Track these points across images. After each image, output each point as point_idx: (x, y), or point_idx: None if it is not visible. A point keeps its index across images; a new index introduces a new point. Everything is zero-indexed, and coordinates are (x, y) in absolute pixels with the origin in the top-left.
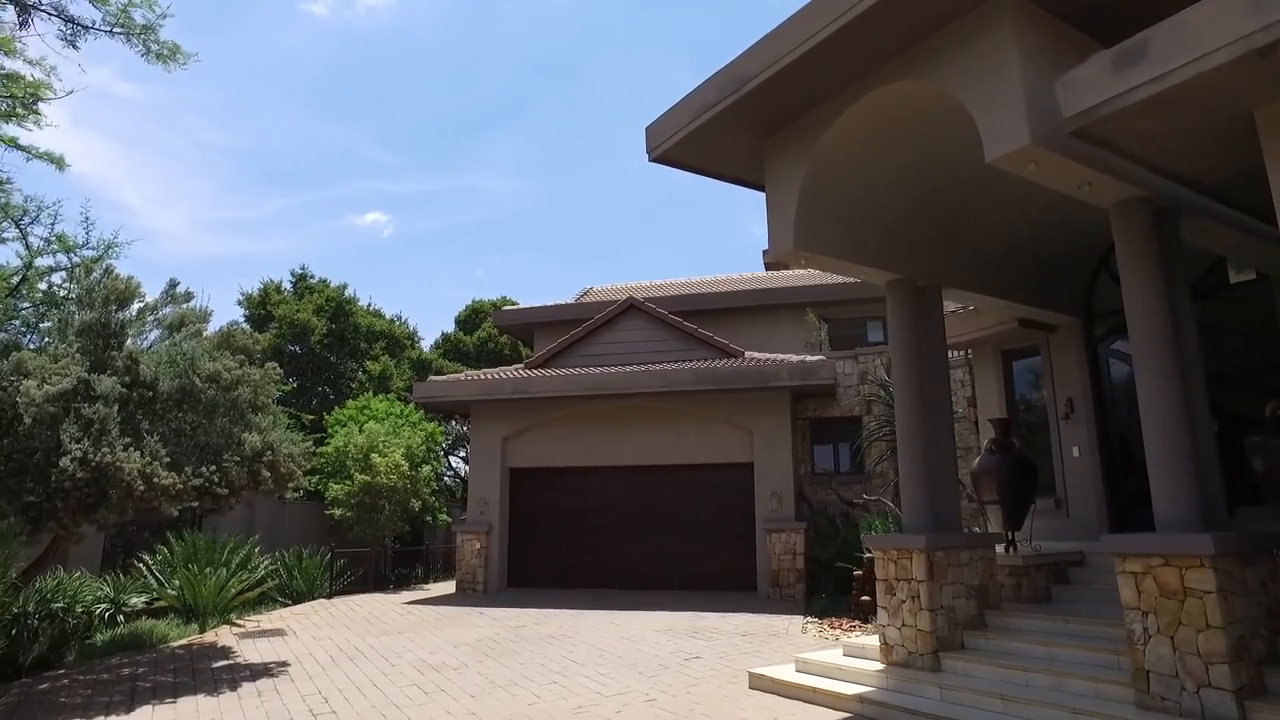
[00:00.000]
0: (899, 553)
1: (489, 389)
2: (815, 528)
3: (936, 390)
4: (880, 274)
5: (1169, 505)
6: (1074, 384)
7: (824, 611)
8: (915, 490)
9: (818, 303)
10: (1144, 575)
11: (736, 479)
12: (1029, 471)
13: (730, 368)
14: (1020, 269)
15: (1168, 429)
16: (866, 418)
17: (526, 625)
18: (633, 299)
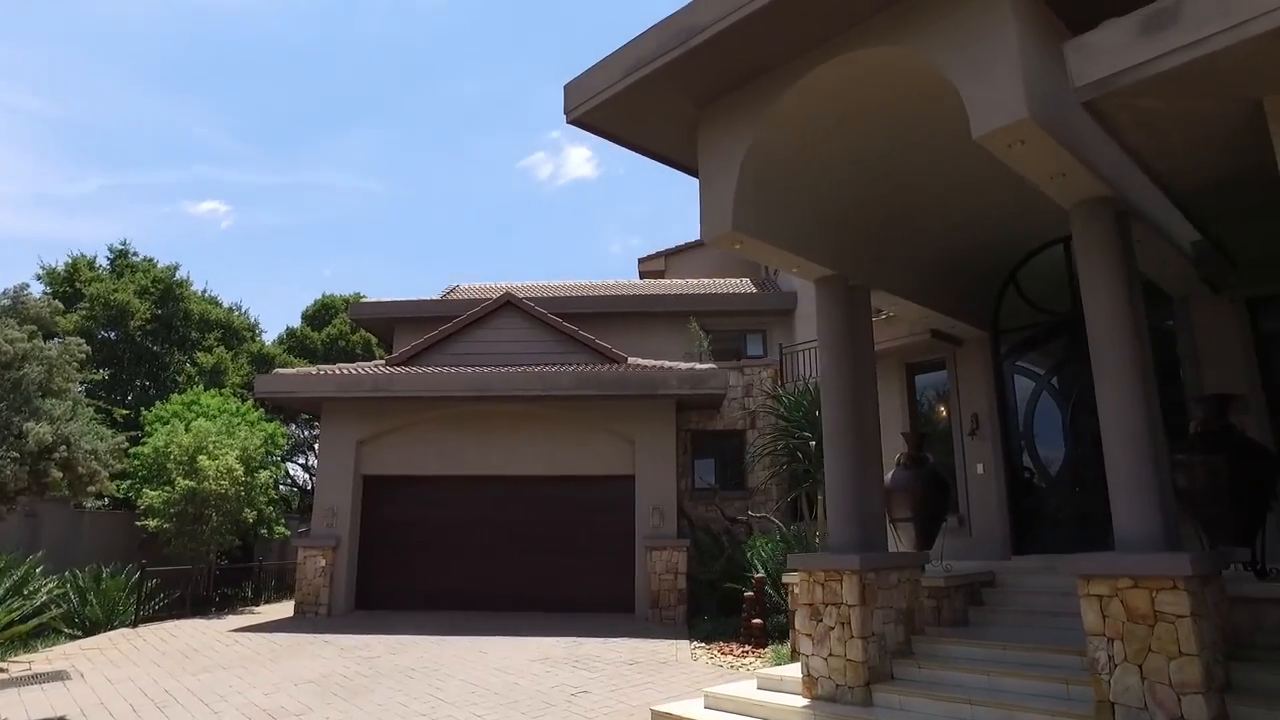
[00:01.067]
0: (827, 574)
1: (346, 385)
2: (697, 546)
3: (865, 399)
4: (816, 268)
5: (1134, 523)
6: (980, 400)
7: (710, 636)
8: (845, 506)
9: (697, 312)
10: (1110, 599)
11: (616, 493)
12: (942, 488)
13: (614, 373)
14: (943, 278)
15: (1132, 441)
16: (750, 432)
17: (381, 656)
18: (510, 295)
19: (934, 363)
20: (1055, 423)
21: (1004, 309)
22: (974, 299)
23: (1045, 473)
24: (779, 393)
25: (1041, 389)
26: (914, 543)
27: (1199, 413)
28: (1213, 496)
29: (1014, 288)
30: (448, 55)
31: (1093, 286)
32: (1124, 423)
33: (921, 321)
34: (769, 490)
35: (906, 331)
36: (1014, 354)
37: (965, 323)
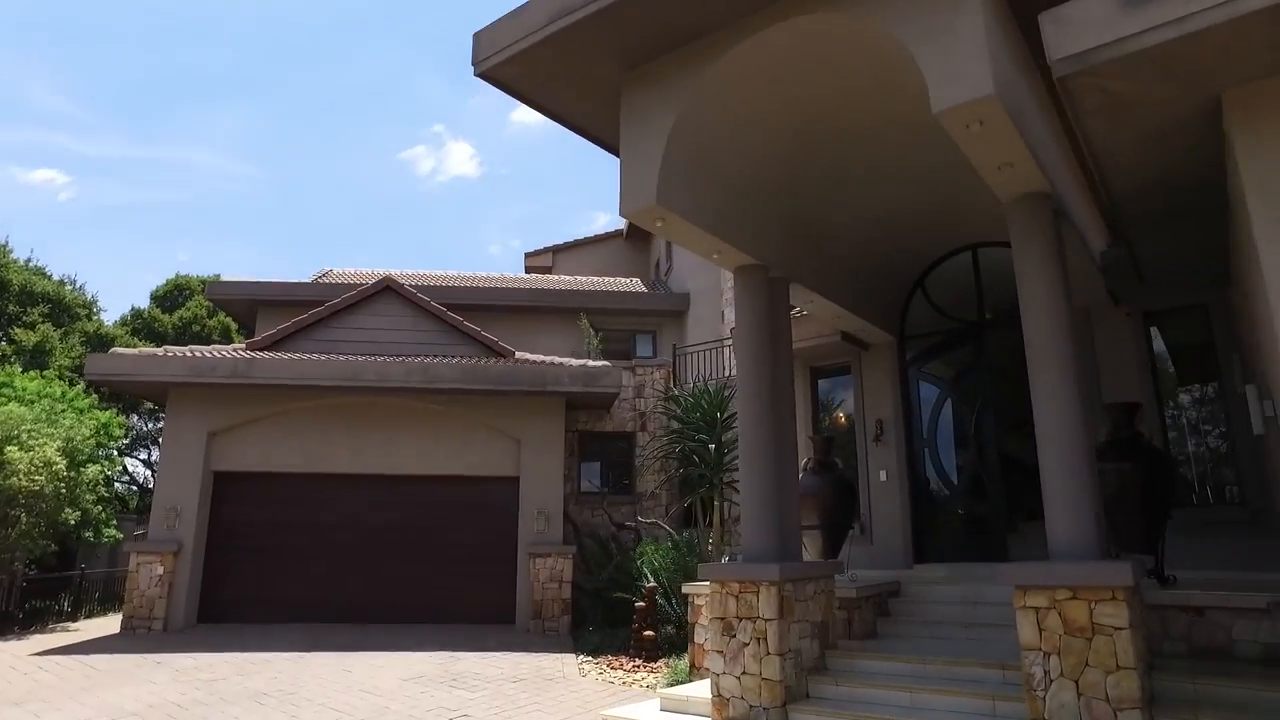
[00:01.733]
0: (742, 586)
1: (198, 369)
2: (584, 553)
3: (783, 399)
4: (738, 255)
5: (1070, 532)
6: (884, 406)
7: (597, 648)
8: (762, 512)
9: (587, 309)
10: (1048, 611)
11: (499, 495)
12: (850, 494)
13: (502, 367)
14: (859, 278)
15: (1069, 447)
16: (641, 435)
17: (226, 678)
18: (390, 279)
19: (839, 367)
20: (958, 431)
21: (911, 314)
22: (884, 302)
23: (947, 481)
24: (675, 393)
25: (946, 397)
26: (821, 551)
27: (1109, 421)
28: (1122, 504)
29: (922, 293)
30: (329, 37)
31: (1031, 286)
32: (1062, 427)
33: (833, 322)
34: (658, 496)
35: (816, 332)
36: (919, 360)
37: (875, 326)
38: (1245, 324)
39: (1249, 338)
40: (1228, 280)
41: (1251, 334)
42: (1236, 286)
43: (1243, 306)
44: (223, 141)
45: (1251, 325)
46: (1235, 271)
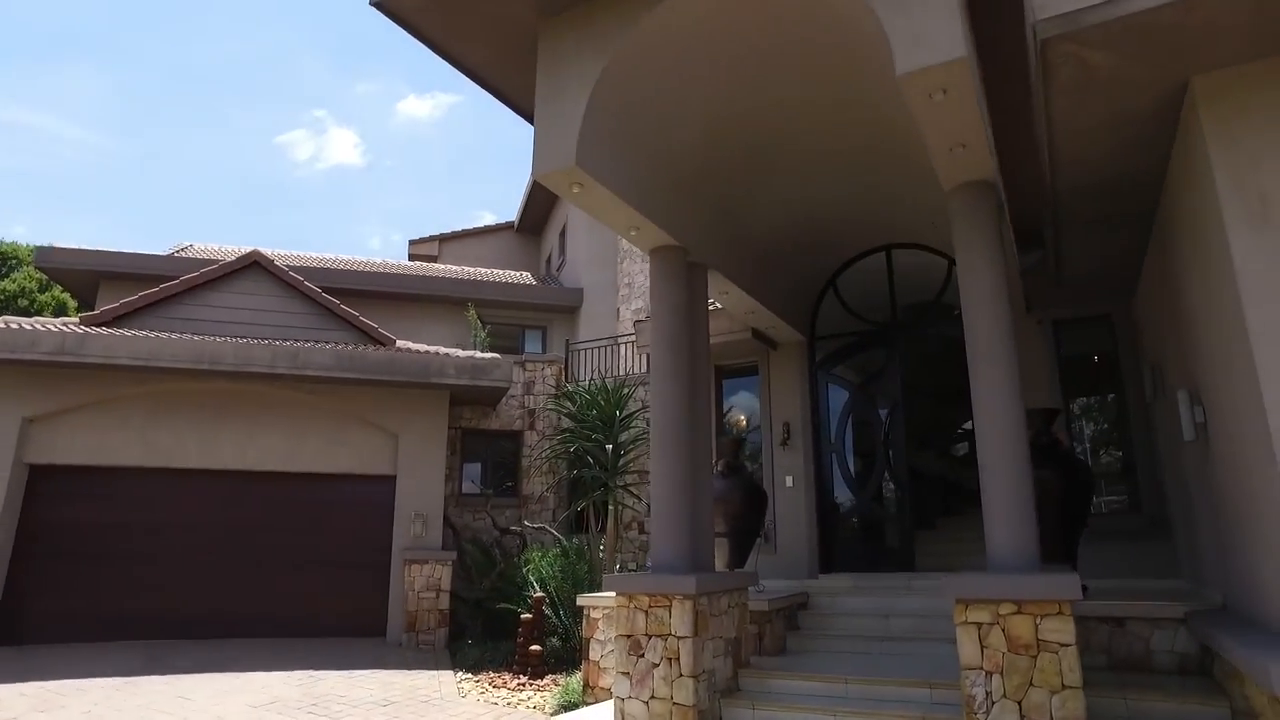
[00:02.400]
0: (653, 599)
1: (13, 343)
2: (464, 559)
3: (700, 395)
4: (659, 234)
5: (1011, 542)
6: (792, 408)
7: (478, 664)
8: (675, 518)
9: (475, 301)
10: (991, 627)
11: (373, 495)
12: (759, 500)
13: (383, 355)
14: (775, 272)
15: (1011, 451)
16: (530, 434)
17: (20, 717)
18: (258, 254)
19: (745, 367)
20: (867, 436)
21: (822, 314)
22: (797, 300)
23: (855, 487)
24: (570, 389)
25: (855, 400)
26: (728, 560)
27: (1029, 427)
28: (1041, 513)
29: (834, 293)
30: (196, 5)
31: (975, 279)
32: (1004, 429)
33: (745, 318)
34: (546, 499)
35: (725, 329)
36: (829, 362)
37: (787, 323)
38: (1171, 331)
39: (1178, 344)
40: (1133, 292)
41: (1184, 339)
42: (1152, 295)
43: (1164, 314)
44: (71, 107)
45: (1184, 330)
46: (1161, 277)
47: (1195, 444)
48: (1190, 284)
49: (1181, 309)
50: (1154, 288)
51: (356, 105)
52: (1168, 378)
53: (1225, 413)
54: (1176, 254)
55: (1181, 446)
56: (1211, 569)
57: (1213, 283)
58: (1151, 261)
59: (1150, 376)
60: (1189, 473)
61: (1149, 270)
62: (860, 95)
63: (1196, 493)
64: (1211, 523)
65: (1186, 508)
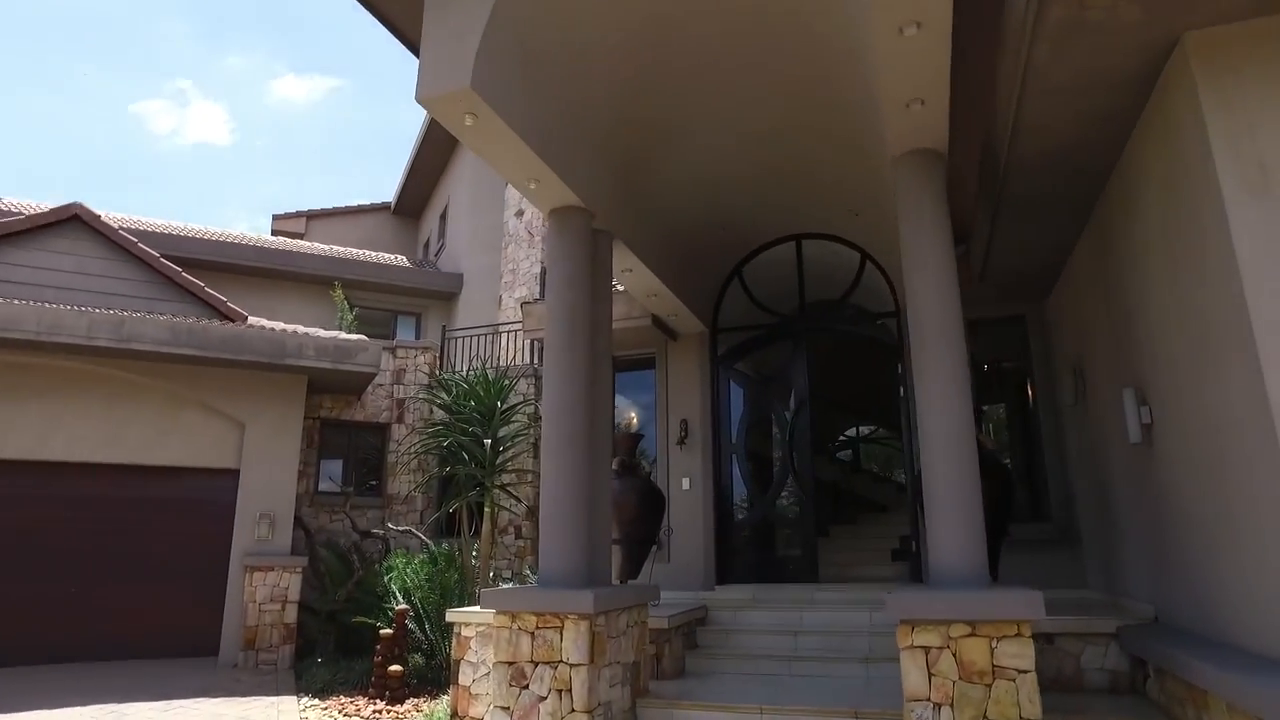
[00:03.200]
0: (542, 620)
1: None
2: (317, 566)
3: (601, 382)
4: (562, 190)
5: (960, 555)
6: (691, 405)
7: (327, 687)
8: (569, 523)
9: (344, 281)
10: (940, 651)
11: (211, 492)
12: (658, 503)
13: (229, 330)
14: (682, 254)
15: (960, 452)
16: (398, 427)
17: None
18: (80, 208)
19: (641, 359)
20: (770, 437)
21: (726, 305)
22: (701, 287)
23: (755, 492)
24: (445, 378)
25: (758, 398)
26: (621, 570)
27: None
28: None
29: (739, 282)
30: None
31: (921, 260)
32: (953, 429)
33: (647, 302)
34: (413, 499)
35: (623, 314)
36: (732, 357)
37: (690, 311)
38: (1107, 329)
39: (1118, 342)
40: (1048, 293)
41: (1127, 336)
42: (1079, 293)
43: (1096, 311)
44: None
45: (1129, 326)
46: (1097, 270)
47: (1140, 447)
48: (1145, 273)
49: (1126, 303)
50: (1082, 284)
51: (226, 79)
52: (1095, 379)
53: (1187, 412)
54: (1126, 242)
55: (1110, 451)
56: (1140, 580)
57: (1190, 264)
58: (1083, 255)
59: (1072, 379)
60: (1124, 478)
61: (1076, 266)
62: (781, 58)
63: (1132, 499)
64: (1148, 531)
65: (1106, 515)
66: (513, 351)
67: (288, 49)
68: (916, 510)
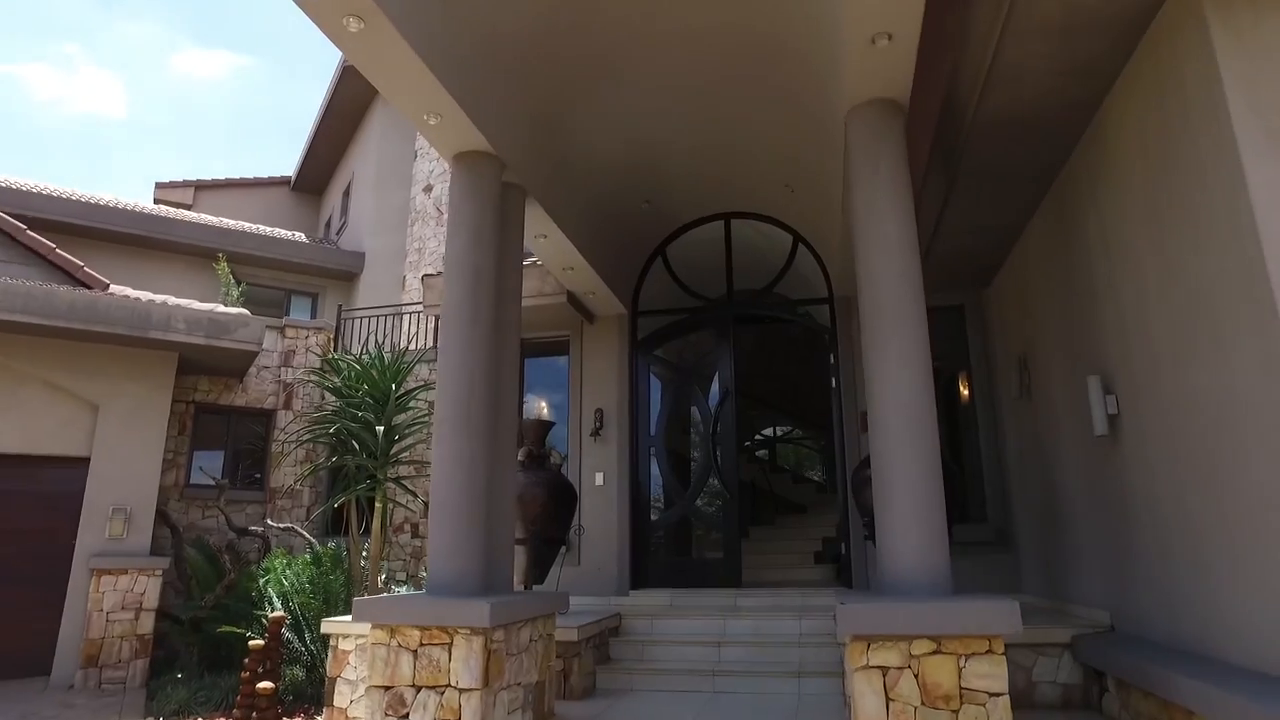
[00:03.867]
0: (427, 634)
1: None
2: (184, 568)
3: (506, 361)
4: (468, 130)
5: (920, 560)
6: (607, 393)
7: (185, 708)
8: (464, 520)
9: (232, 255)
10: (900, 672)
11: (55, 483)
12: (569, 499)
13: (82, 297)
14: (601, 223)
15: (919, 437)
16: (284, 414)
17: None
18: None
19: (554, 343)
20: (690, 431)
21: (648, 285)
22: (623, 264)
23: (675, 489)
24: (335, 358)
25: (680, 387)
26: (525, 574)
27: None
28: None
29: (663, 262)
30: None
31: (878, 222)
32: (912, 415)
33: (563, 276)
34: (299, 493)
35: (537, 290)
36: (653, 342)
37: (610, 290)
38: (1066, 314)
39: (1080, 327)
40: (989, 283)
41: (1095, 320)
42: (1028, 278)
43: (1050, 297)
44: None
45: (1096, 309)
46: (1057, 250)
47: (1103, 440)
48: (1119, 246)
49: (1092, 283)
50: (1033, 268)
51: (121, 47)
52: (1044, 370)
53: (1165, 399)
54: (1095, 214)
55: (1061, 446)
56: (1092, 584)
57: (1183, 231)
58: (1037, 236)
59: (1018, 371)
60: (1079, 475)
61: (1028, 248)
62: None
63: (1088, 497)
64: (1107, 531)
65: (1052, 516)
66: (416, 335)
67: (188, 19)
68: (848, 510)
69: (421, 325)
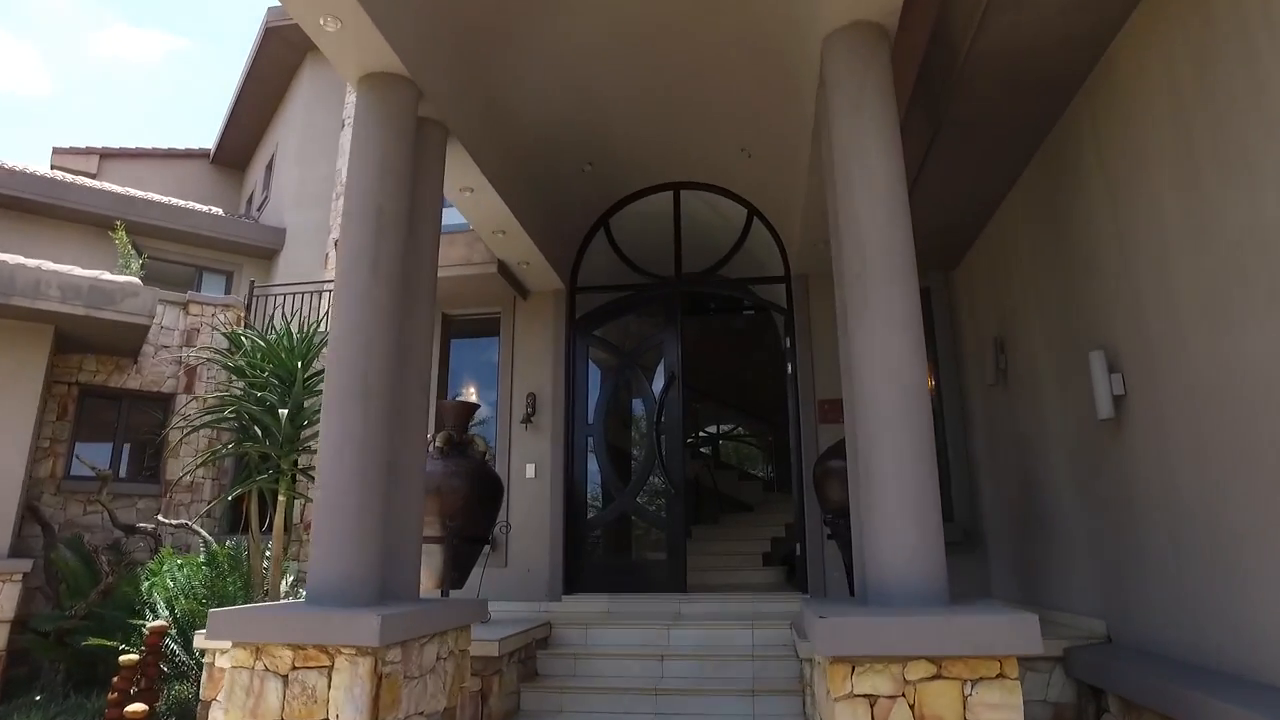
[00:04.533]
0: (299, 654)
1: None
2: (56, 571)
3: (417, 325)
4: (375, 39)
5: (913, 560)
6: (541, 376)
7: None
8: (357, 513)
9: (136, 226)
10: (894, 701)
11: None
12: (495, 493)
13: None
14: (537, 183)
15: (910, 416)
16: (184, 397)
17: None
18: None
19: (483, 321)
20: (632, 421)
21: (589, 259)
22: (561, 233)
23: (616, 483)
24: (237, 333)
25: (622, 373)
26: (440, 577)
27: None
28: None
29: (606, 234)
30: None
31: (862, 164)
32: (907, 387)
33: (492, 241)
34: (200, 486)
35: (464, 258)
36: (593, 322)
37: (546, 260)
38: (1061, 282)
39: (1082, 298)
40: (958, 261)
41: (1100, 290)
42: (1009, 252)
43: (1036, 269)
44: None
45: (1101, 278)
46: (1049, 214)
47: (1107, 424)
48: (1134, 198)
49: (1094, 248)
50: (1014, 239)
51: (40, 18)
52: (1027, 352)
53: (1189, 374)
54: (1099, 167)
55: (1047, 435)
56: (1082, 588)
57: (1228, 169)
58: (1018, 204)
59: (993, 354)
60: (1071, 466)
61: (1005, 219)
62: None
63: (1081, 491)
64: (1105, 528)
65: (1031, 512)
66: None
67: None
68: (804, 508)
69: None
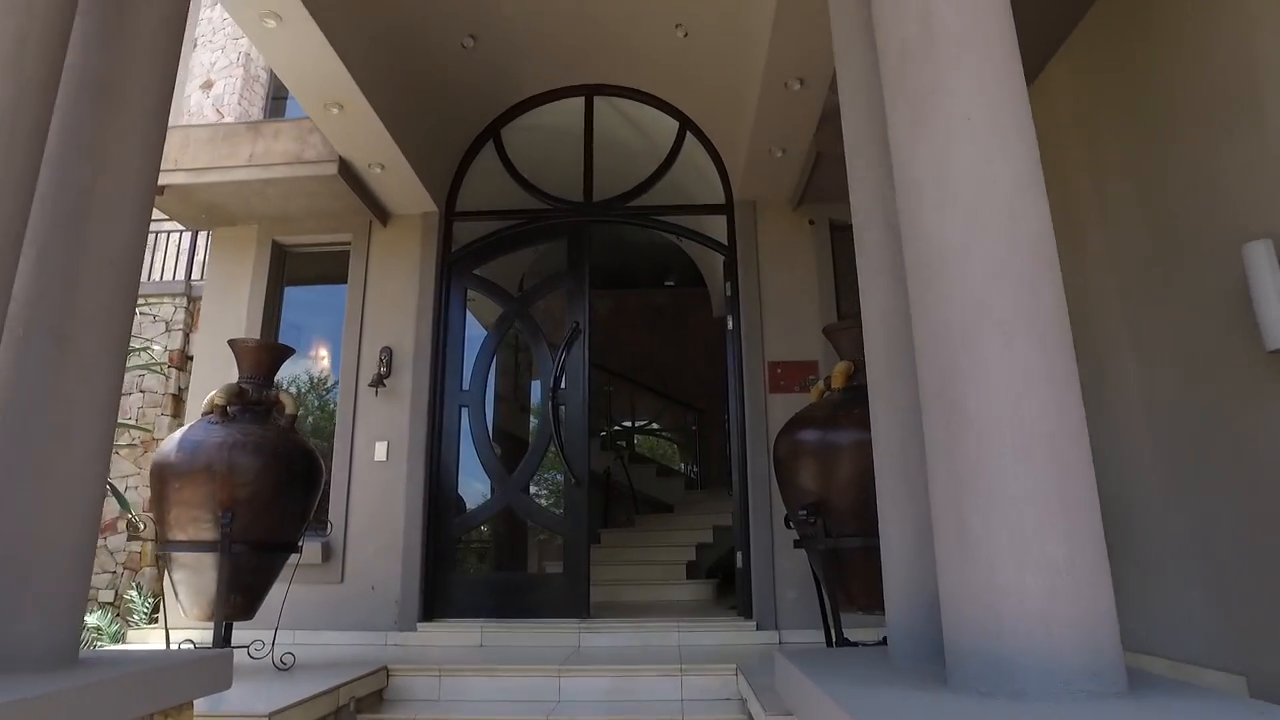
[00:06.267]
0: None
1: None
2: None
3: (127, 158)
4: None
5: (1063, 598)
6: (402, 326)
7: None
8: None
9: None
10: None
11: None
12: (307, 476)
13: None
14: (406, 65)
15: (1031, 309)
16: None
17: None
18: None
19: (328, 250)
20: (524, 388)
21: (473, 177)
22: (436, 140)
23: (497, 469)
24: None
25: (510, 325)
26: (209, 605)
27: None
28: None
29: (495, 147)
30: None
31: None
32: (1026, 245)
33: (329, 129)
34: None
35: (293, 155)
36: (473, 259)
37: (412, 170)
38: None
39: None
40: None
41: (1232, 148)
42: None
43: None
44: None
45: (1236, 130)
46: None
47: (1273, 358)
48: None
49: (1258, 90)
50: (1114, 58)
51: None
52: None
53: None
54: None
55: (1118, 385)
56: (1197, 627)
57: None
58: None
59: None
60: (1204, 432)
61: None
62: None
63: (1214, 481)
64: (1257, 539)
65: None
66: (172, 265)
67: None
68: (747, 504)
69: (183, 252)
